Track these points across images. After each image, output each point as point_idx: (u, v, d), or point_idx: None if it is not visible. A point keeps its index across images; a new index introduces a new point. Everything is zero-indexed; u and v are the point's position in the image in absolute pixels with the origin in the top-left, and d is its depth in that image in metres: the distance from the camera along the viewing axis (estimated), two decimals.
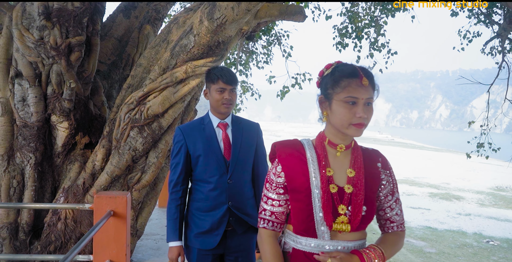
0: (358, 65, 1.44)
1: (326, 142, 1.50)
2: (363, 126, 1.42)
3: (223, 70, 2.31)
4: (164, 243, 4.57)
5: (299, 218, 1.45)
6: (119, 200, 2.42)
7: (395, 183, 1.56)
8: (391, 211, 1.54)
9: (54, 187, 3.68)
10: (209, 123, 2.33)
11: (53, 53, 3.48)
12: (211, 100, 2.31)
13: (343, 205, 1.42)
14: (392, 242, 1.50)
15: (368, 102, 1.41)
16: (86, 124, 3.82)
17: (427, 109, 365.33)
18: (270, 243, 1.49)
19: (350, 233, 1.43)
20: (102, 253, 2.41)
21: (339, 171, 1.47)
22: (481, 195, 19.61)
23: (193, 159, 2.28)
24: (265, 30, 8.88)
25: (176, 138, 2.32)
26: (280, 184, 1.49)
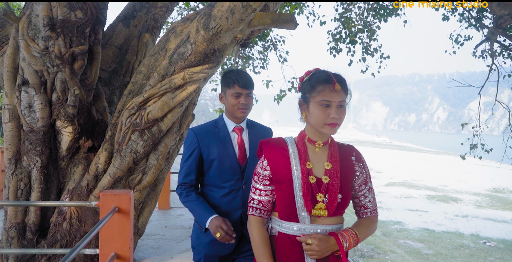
0: (333, 72, 1.65)
1: (306, 139, 1.71)
2: (336, 125, 1.62)
3: (239, 74, 2.25)
4: (164, 242, 4.74)
5: (283, 205, 1.64)
6: (123, 197, 2.60)
7: (368, 174, 1.76)
8: (365, 198, 1.74)
9: (59, 188, 3.84)
10: (224, 127, 2.28)
11: (58, 62, 3.61)
12: (227, 105, 2.26)
13: (321, 193, 1.61)
14: (366, 225, 1.71)
15: (340, 105, 1.62)
16: (89, 129, 3.96)
17: (424, 112, 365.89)
18: (258, 228, 1.68)
19: (328, 218, 1.63)
20: (107, 247, 2.59)
21: (317, 164, 1.67)
22: (478, 196, 19.73)
23: (206, 163, 2.22)
24: (261, 36, 9.07)
25: (189, 140, 2.25)
26: (266, 176, 1.68)
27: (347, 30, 8.42)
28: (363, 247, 12.90)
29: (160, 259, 4.18)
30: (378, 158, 35.60)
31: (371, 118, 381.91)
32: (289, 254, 1.62)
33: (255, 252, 1.66)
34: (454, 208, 18.02)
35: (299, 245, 1.62)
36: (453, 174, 26.49)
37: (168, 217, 5.96)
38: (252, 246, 1.68)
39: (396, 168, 29.32)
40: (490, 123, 9.57)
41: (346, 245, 1.59)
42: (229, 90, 2.23)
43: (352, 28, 8.26)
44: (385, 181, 24.46)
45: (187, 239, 4.89)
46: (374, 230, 1.74)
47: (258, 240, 1.66)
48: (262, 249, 1.64)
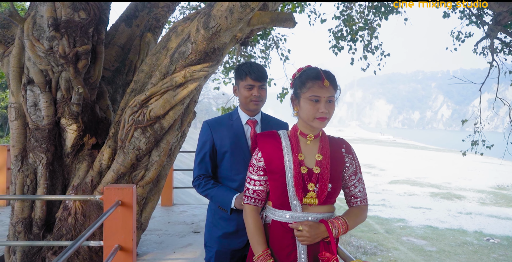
0: (323, 69, 1.74)
1: (298, 132, 1.81)
2: (325, 119, 1.71)
3: (252, 66, 2.24)
4: (167, 237, 4.84)
5: (276, 194, 1.74)
6: (126, 191, 2.70)
7: (358, 166, 1.85)
8: (355, 188, 1.83)
9: (64, 184, 3.94)
10: (238, 119, 2.29)
11: (62, 61, 3.69)
12: (240, 97, 2.27)
13: (312, 183, 1.70)
14: (356, 214, 1.80)
15: (329, 100, 1.71)
16: (93, 126, 4.06)
17: (428, 110, 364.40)
18: (253, 216, 1.77)
19: (319, 206, 1.72)
20: (111, 239, 2.68)
21: (309, 156, 1.76)
22: (482, 193, 19.71)
23: (219, 154, 2.23)
24: (263, 34, 9.13)
25: (202, 133, 2.27)
26: (261, 167, 1.78)
27: (348, 28, 8.46)
28: (366, 244, 12.96)
29: (163, 253, 4.28)
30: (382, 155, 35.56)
31: (374, 116, 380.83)
32: (282, 240, 1.71)
33: (250, 239, 1.76)
34: (457, 205, 18.03)
35: (291, 231, 1.71)
36: (457, 171, 26.44)
37: (171, 213, 6.06)
38: (248, 234, 1.78)
39: (400, 166, 29.29)
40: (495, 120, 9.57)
41: (336, 231, 1.68)
42: (242, 83, 2.24)
43: (353, 26, 8.31)
44: (388, 179, 24.45)
45: (189, 234, 4.99)
46: (364, 218, 1.83)
47: (253, 228, 1.75)
48: (257, 236, 1.73)
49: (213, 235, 2.24)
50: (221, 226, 2.21)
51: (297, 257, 1.69)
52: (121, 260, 2.67)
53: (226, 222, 2.19)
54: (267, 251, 1.71)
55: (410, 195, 20.09)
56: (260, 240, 1.72)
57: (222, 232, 2.19)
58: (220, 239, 2.20)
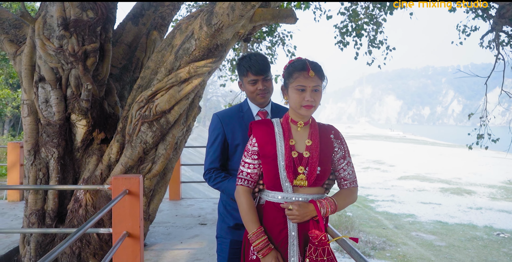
0: (310, 60, 1.88)
1: (289, 120, 1.94)
2: (311, 107, 1.85)
3: (251, 60, 2.21)
4: (174, 229, 4.99)
5: (269, 176, 1.87)
6: (133, 180, 2.83)
7: (346, 150, 1.97)
8: (344, 171, 1.95)
9: (75, 178, 4.10)
10: (248, 111, 2.28)
11: (71, 59, 3.82)
12: (246, 92, 2.27)
13: (302, 166, 1.83)
14: (345, 195, 1.92)
15: (315, 89, 1.83)
16: (102, 122, 4.20)
17: (439, 105, 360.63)
18: (246, 196, 1.90)
19: (308, 188, 1.85)
20: (119, 226, 2.82)
21: (299, 141, 1.89)
22: (493, 188, 19.55)
23: (231, 147, 2.23)
24: (269, 31, 9.21)
25: (213, 126, 2.26)
26: (255, 152, 1.91)
27: (353, 24, 8.50)
28: (375, 239, 12.99)
29: (171, 244, 4.43)
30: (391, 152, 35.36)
31: (384, 112, 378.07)
32: (274, 219, 1.84)
33: (243, 218, 1.87)
34: (467, 201, 17.89)
35: (283, 211, 1.83)
36: (467, 167, 26.20)
37: (179, 207, 6.20)
38: (241, 213, 1.89)
39: (409, 162, 29.12)
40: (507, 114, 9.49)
41: (324, 211, 1.80)
42: (245, 78, 2.23)
43: (358, 21, 8.34)
44: (398, 175, 24.35)
45: (196, 227, 5.13)
46: (354, 199, 1.95)
47: (246, 207, 1.87)
48: (250, 214, 1.85)
49: (225, 226, 2.26)
50: (234, 216, 2.23)
51: (288, 234, 1.81)
52: (129, 246, 2.82)
53: (238, 213, 2.11)
54: (261, 228, 1.83)
55: (419, 190, 19.99)
56: (254, 218, 1.85)
57: (234, 222, 2.23)
58: (233, 229, 2.24)
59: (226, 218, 2.27)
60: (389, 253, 11.81)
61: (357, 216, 15.33)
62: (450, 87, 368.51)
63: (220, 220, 2.32)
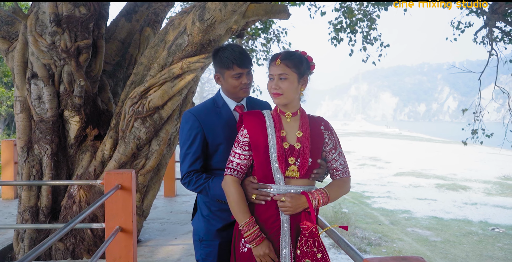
0: (288, 51, 1.91)
1: (278, 110, 1.94)
2: (278, 95, 1.86)
3: (235, 52, 2.03)
4: (169, 225, 4.99)
5: (261, 168, 1.86)
6: (126, 175, 2.84)
7: (337, 141, 1.98)
8: (336, 162, 1.96)
9: (69, 174, 4.09)
10: (225, 106, 2.12)
11: (64, 56, 3.82)
12: (227, 87, 2.09)
13: (293, 157, 1.83)
14: (337, 185, 1.93)
15: (281, 77, 1.84)
16: (95, 118, 4.20)
17: (434, 102, 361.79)
18: (235, 187, 1.87)
19: (300, 180, 1.85)
20: (112, 221, 2.83)
21: (290, 133, 1.90)
22: (488, 184, 19.64)
23: (212, 147, 2.05)
24: (263, 28, 9.21)
25: (188, 124, 2.04)
26: (246, 143, 1.90)
27: (347, 20, 8.50)
28: (371, 235, 13.05)
29: (165, 240, 4.44)
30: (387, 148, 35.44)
31: (380, 109, 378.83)
32: (267, 211, 1.84)
33: (233, 209, 1.85)
34: (463, 196, 17.96)
35: (275, 203, 1.83)
36: (463, 163, 26.30)
37: (174, 203, 6.21)
38: (230, 204, 1.86)
39: (405, 158, 29.18)
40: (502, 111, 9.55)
41: (316, 202, 1.81)
42: (228, 72, 2.04)
43: (352, 17, 8.35)
44: (394, 171, 24.41)
45: (190, 223, 5.13)
46: (347, 190, 1.96)
47: (236, 197, 1.85)
48: (241, 205, 1.84)
49: (212, 229, 2.09)
50: (221, 217, 2.08)
51: (280, 226, 1.81)
52: (122, 241, 2.83)
53: (226, 213, 2.03)
54: (253, 218, 1.83)
55: (415, 186, 20.06)
56: (245, 209, 1.84)
57: (222, 223, 2.08)
58: (221, 231, 2.08)
59: (213, 220, 2.10)
60: (385, 249, 11.86)
61: (353, 212, 15.37)
62: (445, 84, 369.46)
63: (205, 223, 2.11)
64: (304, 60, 1.88)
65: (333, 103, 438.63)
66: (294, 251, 1.80)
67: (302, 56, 1.88)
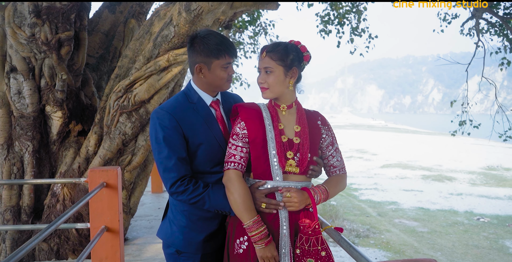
0: (273, 43, 1.81)
1: (273, 103, 1.84)
2: (264, 89, 1.77)
3: (224, 39, 1.83)
4: (157, 222, 4.89)
5: (258, 163, 1.75)
6: (111, 172, 2.72)
7: (333, 136, 1.90)
8: (333, 158, 1.88)
9: (52, 172, 3.96)
10: (201, 101, 1.88)
11: (45, 48, 3.69)
12: (212, 79, 1.84)
13: (291, 151, 1.74)
14: (335, 182, 1.85)
15: (266, 70, 1.75)
16: (79, 113, 4.08)
17: (419, 94, 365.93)
18: (241, 181, 1.72)
19: (298, 176, 1.76)
20: (97, 220, 2.71)
21: (288, 126, 1.80)
22: (473, 175, 19.92)
23: (192, 147, 1.80)
24: (251, 20, 9.09)
25: (164, 124, 1.77)
26: (245, 135, 1.77)
27: (335, 12, 8.44)
28: (359, 227, 13.13)
29: (153, 237, 4.34)
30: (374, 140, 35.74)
31: (366, 102, 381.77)
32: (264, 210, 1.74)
33: (239, 206, 1.67)
34: (448, 187, 18.18)
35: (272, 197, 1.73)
36: (448, 154, 26.64)
37: (162, 200, 6.10)
38: (235, 201, 1.68)
39: (392, 150, 29.46)
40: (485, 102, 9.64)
41: (318, 198, 1.72)
42: (217, 61, 1.80)
43: (339, 9, 8.29)
44: (380, 163, 24.62)
45: None
46: (344, 186, 1.88)
47: (243, 193, 1.68)
48: (248, 201, 1.69)
49: (193, 240, 1.85)
50: (203, 227, 1.86)
51: (279, 224, 1.72)
52: (108, 241, 2.71)
53: (208, 222, 1.86)
54: (259, 217, 1.70)
55: (402, 178, 20.26)
56: (252, 205, 1.70)
57: (205, 234, 1.86)
58: (203, 242, 1.86)
59: (194, 232, 1.85)
60: (373, 240, 11.95)
61: (341, 204, 15.46)
62: (430, 76, 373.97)
63: (184, 234, 1.86)
64: (292, 52, 1.76)
65: (319, 96, 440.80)
66: (293, 251, 1.71)
67: (289, 47, 1.77)
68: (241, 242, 1.73)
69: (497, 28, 8.30)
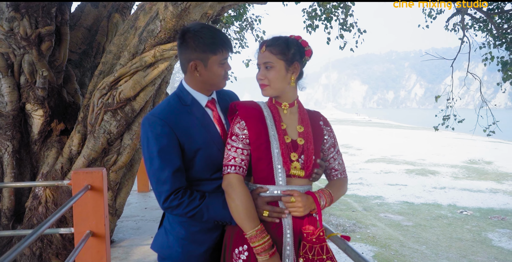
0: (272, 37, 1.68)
1: (273, 101, 1.72)
2: (264, 86, 1.65)
3: (220, 33, 1.69)
4: (144, 223, 4.77)
5: (260, 167, 1.63)
6: (96, 174, 2.59)
7: (335, 138, 1.81)
8: (334, 161, 1.79)
9: (33, 173, 3.82)
10: (195, 103, 1.73)
11: (24, 44, 3.56)
12: (209, 77, 1.70)
13: (295, 152, 1.63)
14: (338, 186, 1.76)
15: (266, 65, 1.64)
16: (61, 111, 3.95)
17: (402, 89, 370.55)
18: (243, 187, 1.57)
19: (301, 179, 1.65)
20: (82, 225, 2.59)
21: (290, 126, 1.69)
22: (455, 168, 20.24)
23: (188, 154, 1.66)
24: (237, 15, 8.99)
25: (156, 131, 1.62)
26: (246, 136, 1.64)
27: (322, 7, 8.38)
28: (345, 222, 13.20)
29: (140, 239, 4.22)
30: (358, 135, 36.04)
31: (350, 97, 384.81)
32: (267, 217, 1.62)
33: (239, 214, 1.55)
34: (432, 181, 18.42)
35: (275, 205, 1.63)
36: (431, 148, 27.02)
37: (148, 199, 5.98)
38: (236, 208, 1.55)
39: (376, 145, 29.74)
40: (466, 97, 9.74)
41: (323, 203, 1.63)
42: (214, 57, 1.66)
43: (326, 4, 8.23)
44: (365, 158, 24.83)
45: None
46: (345, 191, 1.79)
47: (245, 200, 1.55)
48: (250, 209, 1.56)
49: (193, 253, 1.73)
50: (202, 240, 1.73)
51: (282, 232, 1.60)
52: (93, 247, 2.59)
53: (210, 233, 1.73)
54: (263, 226, 1.56)
55: (386, 172, 20.45)
56: (255, 213, 1.56)
57: (206, 246, 1.73)
58: (204, 255, 1.74)
59: (193, 244, 1.73)
60: (359, 235, 12.03)
61: None
62: (412, 71, 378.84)
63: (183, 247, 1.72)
64: (293, 45, 1.65)
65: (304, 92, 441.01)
66: (297, 260, 1.60)
67: (290, 41, 1.66)
68: (240, 252, 1.61)
69: (481, 24, 8.36)
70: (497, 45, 7.88)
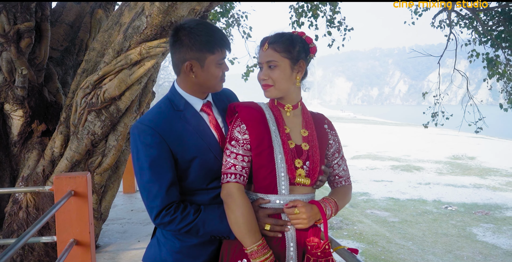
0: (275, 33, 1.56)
1: (276, 103, 1.61)
2: (268, 87, 1.53)
3: (217, 30, 1.59)
4: (130, 226, 4.67)
5: (261, 174, 1.51)
6: (79, 179, 2.47)
7: (339, 143, 1.70)
8: (339, 167, 1.69)
9: (13, 176, 3.70)
10: (188, 107, 1.60)
11: (2, 41, 3.47)
12: (206, 78, 1.58)
13: (300, 159, 1.52)
14: (343, 194, 1.66)
15: (270, 65, 1.52)
16: (42, 111, 3.84)
17: (386, 86, 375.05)
18: (244, 197, 1.48)
19: (305, 188, 1.54)
20: (65, 233, 2.46)
21: (294, 130, 1.58)
22: (439, 164, 20.51)
23: (183, 164, 1.55)
24: (223, 12, 8.89)
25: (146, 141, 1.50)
26: (247, 141, 1.52)
27: (309, 4, 8.33)
28: (331, 219, 13.26)
29: (127, 243, 4.12)
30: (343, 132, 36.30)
31: (335, 94, 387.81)
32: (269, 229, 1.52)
33: (240, 227, 1.45)
34: (417, 177, 18.64)
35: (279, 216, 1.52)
36: (415, 144, 27.40)
37: (134, 201, 5.87)
38: (236, 220, 1.45)
39: (361, 141, 30.00)
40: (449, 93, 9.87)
41: (329, 213, 1.53)
42: (212, 57, 1.54)
43: (314, 1, 8.19)
44: (351, 154, 24.99)
45: None
46: (350, 199, 1.69)
47: (246, 212, 1.45)
48: (251, 222, 1.46)
49: None
50: (198, 254, 1.63)
51: (285, 246, 1.50)
52: (78, 256, 2.46)
53: (205, 247, 1.62)
54: (264, 240, 1.46)
55: (372, 169, 20.64)
56: (256, 227, 1.46)
57: (202, 260, 1.63)
58: None
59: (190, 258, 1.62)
60: (346, 232, 12.08)
61: None
62: (396, 68, 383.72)
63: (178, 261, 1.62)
64: (298, 42, 1.54)
65: None
66: None
67: (294, 38, 1.54)
68: None
69: (467, 21, 8.41)
70: (482, 42, 7.94)
